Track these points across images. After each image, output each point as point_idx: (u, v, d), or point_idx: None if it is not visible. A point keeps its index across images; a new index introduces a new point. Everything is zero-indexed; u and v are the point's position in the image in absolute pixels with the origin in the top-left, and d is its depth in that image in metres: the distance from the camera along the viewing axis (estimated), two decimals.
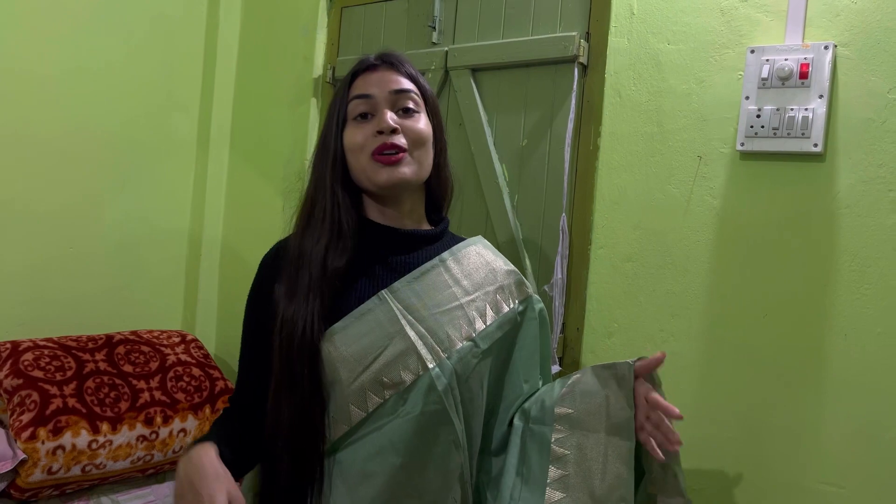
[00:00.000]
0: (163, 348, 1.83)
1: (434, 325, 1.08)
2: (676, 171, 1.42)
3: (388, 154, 1.07)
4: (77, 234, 1.92)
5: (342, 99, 1.12)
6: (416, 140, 1.10)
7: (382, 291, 1.08)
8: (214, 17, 2.17)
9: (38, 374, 1.57)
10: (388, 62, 1.13)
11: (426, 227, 1.19)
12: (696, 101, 1.40)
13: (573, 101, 1.54)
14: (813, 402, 1.27)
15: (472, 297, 1.12)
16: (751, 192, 1.34)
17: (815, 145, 1.26)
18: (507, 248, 1.63)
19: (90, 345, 1.72)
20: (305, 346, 1.03)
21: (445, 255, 1.15)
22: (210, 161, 2.18)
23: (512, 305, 1.16)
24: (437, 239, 1.17)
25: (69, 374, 1.61)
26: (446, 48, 1.74)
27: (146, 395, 1.68)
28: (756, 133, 1.31)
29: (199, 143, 2.18)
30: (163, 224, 2.11)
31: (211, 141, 2.18)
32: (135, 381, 1.69)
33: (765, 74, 1.30)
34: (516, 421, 1.16)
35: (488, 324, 1.12)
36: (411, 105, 1.11)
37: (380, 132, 1.07)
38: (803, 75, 1.27)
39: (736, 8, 1.36)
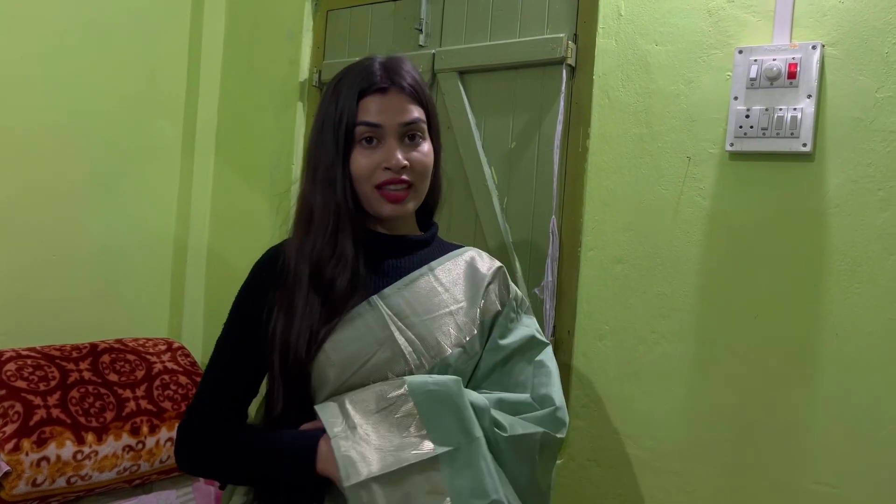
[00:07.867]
0: (149, 356, 1.80)
1: (424, 332, 1.08)
2: (666, 173, 1.42)
3: (394, 190, 1.09)
4: (60, 240, 1.88)
5: (349, 117, 1.08)
6: (421, 173, 1.11)
7: (373, 297, 1.09)
8: (198, 20, 2.15)
9: (21, 384, 1.54)
10: (398, 84, 1.09)
11: (417, 232, 1.19)
12: (685, 101, 1.40)
13: (561, 103, 1.54)
14: (805, 401, 1.27)
15: (461, 304, 1.13)
16: (740, 193, 1.34)
17: (804, 145, 1.26)
18: (497, 252, 1.62)
19: (74, 354, 1.69)
20: (302, 363, 1.04)
21: (434, 263, 1.16)
22: (195, 166, 2.16)
23: (498, 308, 1.17)
24: (427, 244, 1.18)
25: (53, 383, 1.58)
26: (433, 51, 1.73)
27: (132, 405, 1.66)
28: (745, 133, 1.31)
29: (184, 148, 2.15)
30: (148, 230, 2.08)
31: (196, 145, 2.16)
32: (120, 391, 1.67)
33: (753, 74, 1.30)
34: None
35: (476, 330, 1.13)
36: (418, 133, 1.11)
37: (388, 168, 1.08)
38: (791, 75, 1.27)
39: (723, 8, 1.36)
